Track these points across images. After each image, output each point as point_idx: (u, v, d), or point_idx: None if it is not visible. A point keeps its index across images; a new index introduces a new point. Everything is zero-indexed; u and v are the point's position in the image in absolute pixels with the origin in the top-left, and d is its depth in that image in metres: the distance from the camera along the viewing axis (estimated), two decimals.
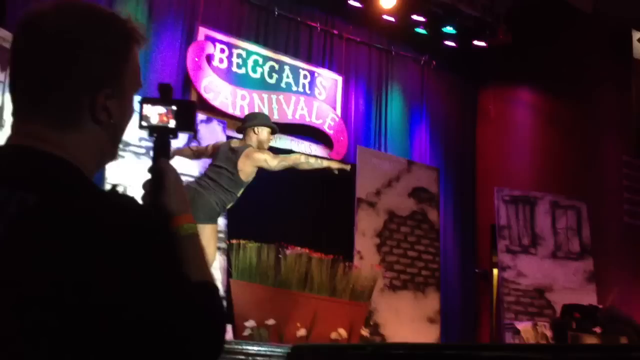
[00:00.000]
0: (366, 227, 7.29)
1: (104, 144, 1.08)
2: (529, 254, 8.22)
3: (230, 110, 6.93)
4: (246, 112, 7.01)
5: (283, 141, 7.32)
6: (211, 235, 4.46)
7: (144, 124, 1.24)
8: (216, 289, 1.05)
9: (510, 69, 8.45)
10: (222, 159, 4.54)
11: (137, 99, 1.23)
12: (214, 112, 6.73)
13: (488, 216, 8.22)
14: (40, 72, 1.01)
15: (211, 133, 6.30)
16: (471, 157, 8.54)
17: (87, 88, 1.02)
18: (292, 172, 7.16)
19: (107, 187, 5.14)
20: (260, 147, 4.66)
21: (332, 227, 7.28)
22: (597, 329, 7.25)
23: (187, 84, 6.78)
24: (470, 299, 8.16)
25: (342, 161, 5.00)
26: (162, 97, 1.25)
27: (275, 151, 7.13)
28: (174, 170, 1.19)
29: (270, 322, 6.12)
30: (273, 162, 4.59)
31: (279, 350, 5.10)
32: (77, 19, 1.04)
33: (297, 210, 7.16)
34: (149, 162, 1.18)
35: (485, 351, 3.75)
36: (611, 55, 8.15)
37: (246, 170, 4.52)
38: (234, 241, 6.39)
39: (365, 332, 6.82)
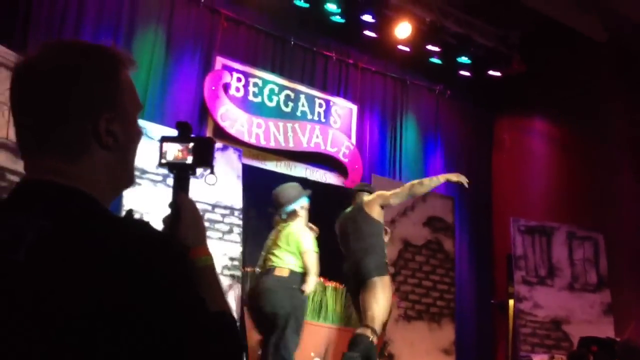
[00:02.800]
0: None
1: (116, 167, 1.10)
2: (546, 285, 8.13)
3: (246, 138, 6.98)
4: (262, 141, 7.08)
5: (298, 169, 7.35)
6: (386, 284, 4.48)
7: (163, 161, 1.29)
8: (233, 319, 1.07)
9: (525, 98, 8.46)
10: (353, 227, 4.75)
11: (157, 137, 1.24)
12: (230, 141, 6.77)
13: (504, 246, 8.16)
14: (40, 110, 1.05)
15: (227, 161, 6.33)
16: (486, 186, 8.51)
17: (87, 116, 1.05)
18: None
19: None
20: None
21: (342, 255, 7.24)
22: None
23: (204, 112, 6.85)
24: (486, 330, 8.05)
25: (454, 175, 4.95)
26: (181, 134, 1.30)
27: (289, 179, 7.17)
28: (191, 205, 1.23)
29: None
30: (391, 199, 4.72)
31: None
32: (65, 55, 1.08)
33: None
34: (165, 190, 1.22)
35: None
36: (625, 84, 8.15)
37: (376, 212, 4.70)
38: (248, 269, 6.39)
39: None
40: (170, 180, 1.32)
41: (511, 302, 8.05)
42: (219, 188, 6.06)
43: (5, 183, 5.01)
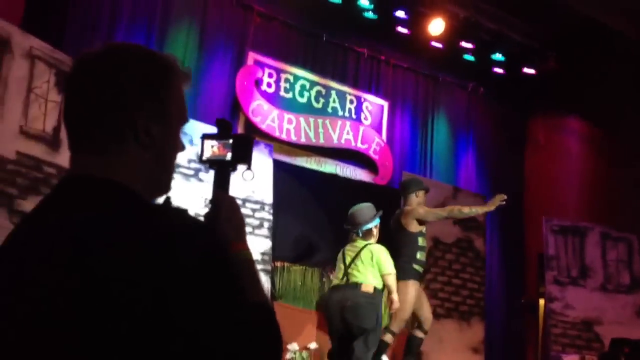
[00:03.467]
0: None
1: (153, 169, 1.12)
2: (578, 285, 8.03)
3: (277, 134, 7.01)
4: (292, 136, 7.11)
5: (328, 166, 7.35)
6: (408, 287, 5.00)
7: (204, 157, 1.33)
8: (273, 312, 1.08)
9: (560, 96, 8.34)
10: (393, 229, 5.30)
11: (189, 131, 1.27)
12: (261, 136, 6.80)
13: (535, 246, 8.07)
14: (89, 105, 1.08)
15: (258, 156, 6.37)
16: (518, 185, 8.41)
17: (131, 114, 1.08)
18: (338, 197, 7.21)
19: None
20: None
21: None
22: None
23: (236, 107, 6.89)
24: (516, 330, 7.98)
25: (492, 204, 5.32)
26: (220, 131, 1.33)
27: (319, 175, 7.20)
28: (232, 201, 1.26)
29: (313, 345, 6.10)
30: (429, 215, 5.19)
31: None
32: (123, 55, 1.12)
33: (342, 235, 7.15)
34: (197, 184, 1.25)
35: None
36: None
37: (412, 225, 5.16)
38: (278, 264, 6.44)
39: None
40: (203, 175, 1.36)
41: (542, 302, 7.97)
42: (250, 183, 6.10)
43: (42, 175, 5.11)
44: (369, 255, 4.84)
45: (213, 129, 1.36)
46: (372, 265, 4.80)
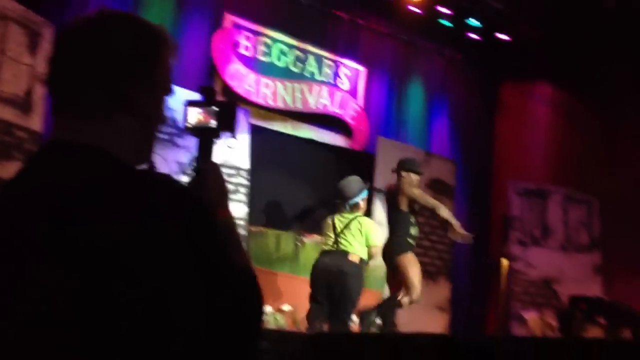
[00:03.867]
0: (383, 217, 7.41)
1: (136, 137, 1.12)
2: (539, 245, 8.36)
3: (253, 98, 7.00)
4: (269, 101, 7.11)
5: (305, 131, 7.40)
6: (410, 259, 5.24)
7: (188, 125, 1.34)
8: (256, 276, 1.12)
9: (532, 63, 8.45)
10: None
11: (182, 101, 1.32)
12: (238, 100, 6.78)
13: (501, 208, 8.33)
14: (78, 70, 1.08)
15: None
16: (488, 150, 8.61)
17: (118, 80, 1.09)
18: (314, 162, 7.30)
19: None
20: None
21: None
22: (602, 320, 7.43)
23: (212, 71, 6.83)
24: (480, 289, 8.32)
25: (462, 234, 5.45)
26: (205, 98, 1.34)
27: (296, 140, 7.25)
28: (215, 169, 1.28)
29: (286, 308, 6.30)
30: (417, 196, 5.34)
31: (297, 336, 5.28)
32: (113, 21, 1.12)
33: (316, 199, 7.28)
34: (172, 149, 1.29)
35: (506, 344, 3.90)
36: (633, 52, 8.15)
37: (404, 204, 5.31)
38: (253, 228, 6.55)
39: (377, 319, 7.01)
40: (178, 139, 1.40)
41: (505, 262, 8.29)
42: (225, 148, 6.14)
43: (14, 139, 5.06)
44: (358, 227, 5.08)
45: (186, 93, 1.40)
46: (360, 236, 5.06)
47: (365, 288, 5.26)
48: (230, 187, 6.29)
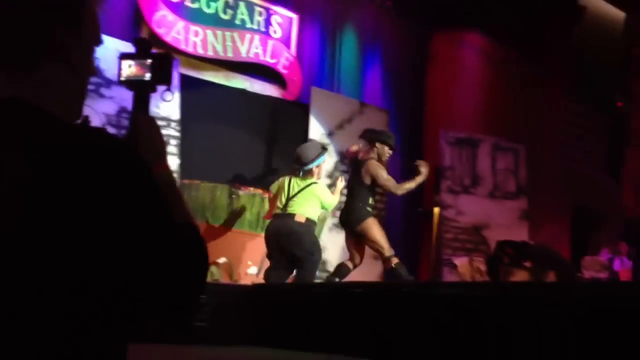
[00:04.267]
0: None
1: (69, 89, 1.07)
2: (469, 193, 8.56)
3: (182, 47, 6.78)
4: (199, 49, 6.91)
5: (237, 80, 7.24)
6: (371, 223, 5.37)
7: (122, 78, 1.28)
8: (198, 230, 1.10)
9: (463, 12, 8.50)
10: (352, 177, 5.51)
11: (116, 53, 1.27)
12: (166, 49, 6.55)
13: (434, 158, 8.45)
14: (3, 18, 1.01)
15: None
16: (419, 100, 8.67)
17: (45, 22, 1.02)
18: (246, 113, 7.17)
19: None
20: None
21: (284, 168, 7.34)
22: (528, 264, 7.72)
23: (138, 18, 6.56)
24: (413, 237, 8.47)
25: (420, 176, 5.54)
26: (139, 51, 1.29)
27: (228, 90, 7.10)
28: (151, 122, 1.24)
29: (222, 260, 6.24)
30: (381, 179, 5.36)
31: (237, 288, 5.25)
32: None
33: (249, 151, 7.18)
34: (98, 100, 1.23)
35: (441, 289, 3.99)
36: (558, 2, 8.32)
37: (368, 180, 5.35)
38: (186, 181, 6.40)
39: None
40: (104, 90, 1.35)
41: (436, 210, 8.45)
42: (154, 98, 5.94)
43: None
44: (310, 194, 5.22)
45: (112, 41, 1.33)
46: (311, 201, 5.19)
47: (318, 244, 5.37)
48: None
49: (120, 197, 0.95)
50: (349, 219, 5.36)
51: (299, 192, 5.20)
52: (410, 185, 5.51)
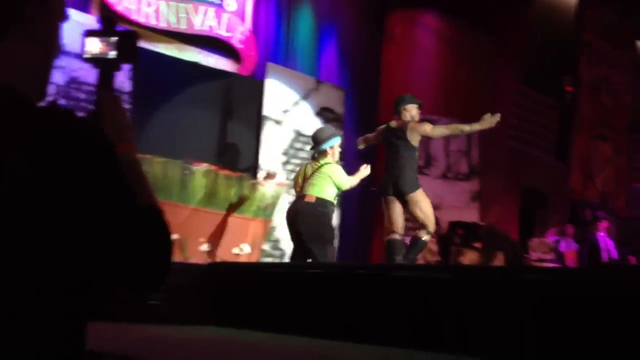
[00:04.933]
0: (272, 145, 7.31)
1: (35, 66, 1.06)
2: (423, 174, 8.61)
3: (134, 17, 6.58)
4: (152, 20, 6.71)
5: (190, 53, 7.06)
6: (422, 194, 5.31)
7: (87, 56, 1.27)
8: (162, 212, 1.09)
9: None
10: (394, 144, 5.35)
11: (80, 31, 1.25)
12: (117, 19, 6.32)
13: None
14: None
15: None
16: (376, 79, 8.63)
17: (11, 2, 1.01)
18: (200, 87, 7.00)
19: None
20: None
21: (239, 144, 7.23)
22: (478, 245, 7.84)
23: None
24: (366, 216, 8.47)
25: (485, 122, 5.31)
26: (104, 28, 1.28)
27: (181, 63, 6.92)
28: (115, 101, 1.22)
29: (174, 236, 6.12)
30: (434, 131, 5.37)
31: (192, 266, 5.16)
32: None
33: (203, 126, 7.03)
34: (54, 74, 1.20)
35: (397, 271, 4.00)
36: None
37: (416, 140, 5.31)
38: (138, 156, 6.23)
39: (266, 247, 6.99)
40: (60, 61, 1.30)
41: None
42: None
43: None
44: (324, 173, 5.16)
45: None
46: (325, 180, 5.13)
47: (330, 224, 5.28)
48: None
49: (87, 180, 0.95)
50: (399, 185, 5.26)
51: (313, 173, 5.18)
52: (472, 127, 5.41)
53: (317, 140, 5.22)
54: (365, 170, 5.38)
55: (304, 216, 5.01)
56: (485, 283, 3.28)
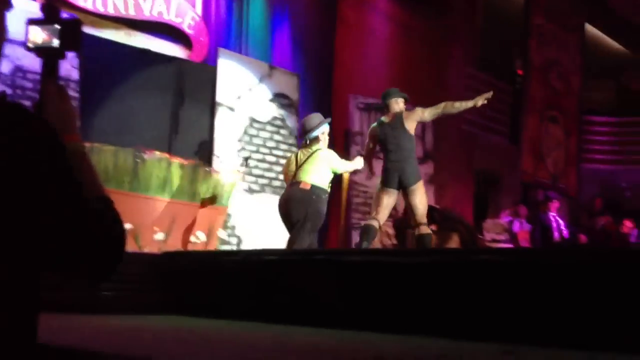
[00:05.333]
0: (226, 131, 7.24)
1: None
2: (378, 158, 8.63)
3: (81, 3, 6.42)
4: (99, 6, 6.56)
5: (139, 39, 6.92)
6: (422, 187, 5.36)
7: (30, 45, 1.25)
8: (112, 202, 1.09)
9: None
10: (393, 136, 5.35)
11: (25, 19, 1.22)
12: (63, 5, 6.18)
13: (343, 122, 8.46)
14: None
15: None
16: (329, 64, 8.60)
17: None
18: (150, 74, 6.87)
19: None
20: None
21: (192, 131, 7.13)
22: (433, 227, 7.92)
23: None
24: None
25: (479, 98, 5.39)
26: (47, 17, 1.26)
27: (130, 50, 6.79)
28: (60, 91, 1.21)
29: (126, 226, 6.00)
30: (426, 114, 5.41)
31: (146, 255, 5.09)
32: None
33: (155, 113, 6.91)
34: None
35: (353, 256, 4.02)
36: None
37: (413, 127, 5.39)
38: (87, 144, 6.09)
39: (223, 234, 6.93)
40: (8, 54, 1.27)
41: (346, 174, 8.48)
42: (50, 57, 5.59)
43: None
44: (317, 159, 5.21)
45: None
46: (320, 167, 5.18)
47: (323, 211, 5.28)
48: None
49: (33, 173, 0.93)
50: (405, 176, 5.27)
51: (305, 160, 5.23)
52: (463, 104, 5.44)
53: (307, 127, 5.28)
54: (359, 161, 5.54)
55: (297, 202, 5.05)
56: (441, 265, 3.33)
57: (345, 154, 8.38)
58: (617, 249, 5.76)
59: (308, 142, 5.27)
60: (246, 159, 7.34)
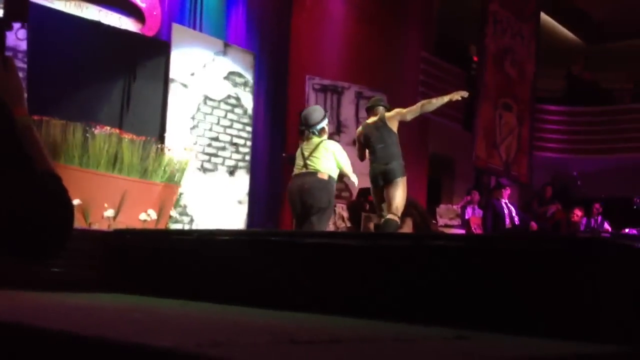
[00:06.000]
0: (179, 108, 7.09)
1: None
2: (333, 140, 8.61)
3: None
4: None
5: (90, 11, 6.71)
6: (405, 183, 5.51)
7: None
8: (61, 178, 1.07)
9: None
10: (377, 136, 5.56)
11: None
12: None
13: (299, 103, 8.38)
14: None
15: None
16: (285, 45, 8.51)
17: None
18: (100, 47, 6.66)
19: None
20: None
21: (144, 108, 6.96)
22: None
23: None
24: (277, 182, 8.41)
25: (455, 94, 5.65)
26: None
27: (80, 22, 6.58)
28: (7, 63, 1.17)
29: (75, 202, 5.84)
30: (407, 115, 5.62)
31: (96, 232, 4.94)
32: None
33: (106, 88, 6.71)
34: None
35: (307, 238, 3.98)
36: None
37: (395, 126, 5.59)
38: (35, 117, 5.88)
39: (174, 213, 6.81)
40: None
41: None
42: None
43: None
44: (325, 149, 5.59)
45: None
46: (328, 157, 5.57)
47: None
48: None
49: None
50: (389, 169, 5.43)
51: (314, 149, 5.57)
52: (440, 101, 5.66)
53: (313, 121, 5.63)
54: (355, 179, 5.88)
55: (320, 190, 5.41)
56: (394, 249, 3.30)
57: (300, 135, 8.33)
58: (565, 237, 5.87)
59: (317, 132, 5.61)
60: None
